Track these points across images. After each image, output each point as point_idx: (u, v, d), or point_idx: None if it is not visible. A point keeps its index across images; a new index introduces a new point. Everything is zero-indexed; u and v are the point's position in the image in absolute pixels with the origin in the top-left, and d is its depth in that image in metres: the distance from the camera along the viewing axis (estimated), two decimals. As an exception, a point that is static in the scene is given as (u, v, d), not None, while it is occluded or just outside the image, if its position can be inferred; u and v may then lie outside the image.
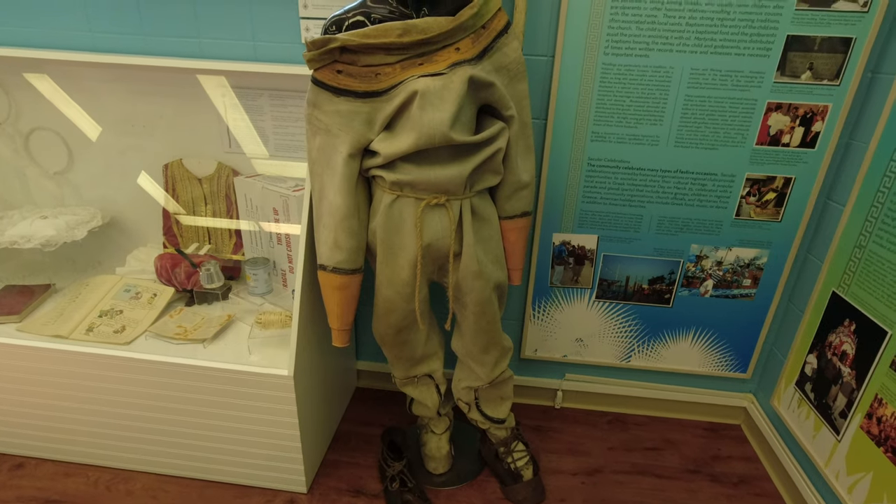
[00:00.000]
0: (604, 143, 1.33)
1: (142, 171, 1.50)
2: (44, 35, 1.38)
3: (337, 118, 1.01)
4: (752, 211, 1.39)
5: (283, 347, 1.27)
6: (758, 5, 1.17)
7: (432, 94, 0.95)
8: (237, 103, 1.39)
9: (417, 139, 0.97)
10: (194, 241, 1.53)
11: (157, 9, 1.33)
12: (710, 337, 1.57)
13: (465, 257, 1.10)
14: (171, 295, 1.41)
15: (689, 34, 1.21)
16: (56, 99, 1.44)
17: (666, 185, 1.37)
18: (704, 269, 1.47)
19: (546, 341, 1.62)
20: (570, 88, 1.29)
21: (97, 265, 1.60)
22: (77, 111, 1.45)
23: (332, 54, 0.97)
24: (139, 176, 1.51)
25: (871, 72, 1.23)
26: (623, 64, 1.25)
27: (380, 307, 1.18)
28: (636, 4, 1.19)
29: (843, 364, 1.24)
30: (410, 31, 0.96)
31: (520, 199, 1.16)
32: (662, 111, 1.29)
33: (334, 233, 1.07)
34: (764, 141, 1.30)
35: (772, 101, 1.26)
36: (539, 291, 1.54)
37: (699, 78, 1.25)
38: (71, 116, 1.46)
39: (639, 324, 1.57)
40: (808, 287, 1.41)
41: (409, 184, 1.03)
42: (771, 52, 1.21)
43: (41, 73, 1.41)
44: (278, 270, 1.44)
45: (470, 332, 1.23)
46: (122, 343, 1.26)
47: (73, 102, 1.45)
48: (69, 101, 1.44)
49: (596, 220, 1.43)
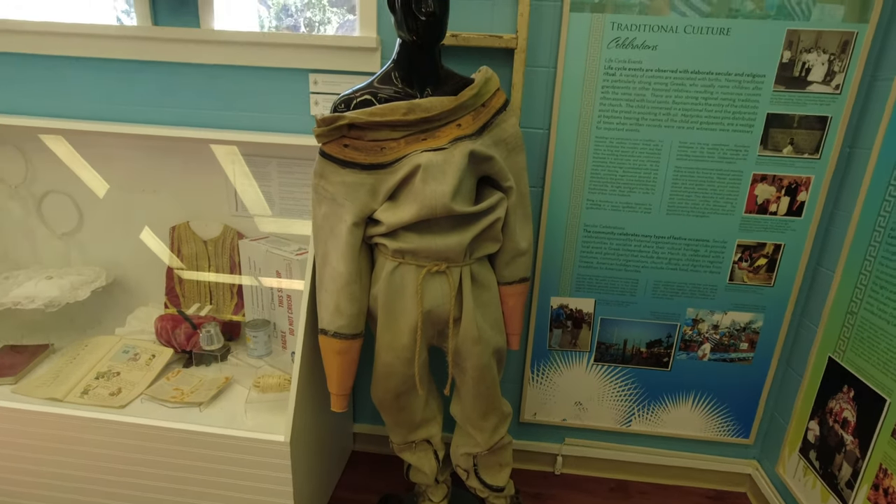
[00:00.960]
0: (599, 211, 1.38)
1: (148, 232, 1.54)
2: (66, 105, 1.46)
3: (343, 188, 1.05)
4: (745, 276, 1.42)
5: (281, 412, 1.26)
6: (738, 87, 1.26)
7: (435, 167, 1.01)
8: (246, 170, 1.44)
9: (420, 210, 1.01)
10: (196, 301, 1.54)
11: (175, 82, 1.41)
12: (710, 401, 1.56)
13: (465, 323, 1.12)
14: (170, 356, 1.41)
15: (675, 111, 1.29)
16: (71, 162, 1.50)
17: (660, 250, 1.41)
18: (701, 333, 1.49)
19: (545, 405, 1.61)
20: (566, 159, 1.35)
21: (97, 324, 1.60)
22: (90, 174, 1.51)
23: (341, 130, 1.03)
24: (145, 237, 1.54)
25: (849, 146, 1.30)
26: (615, 137, 1.32)
27: (379, 372, 1.18)
28: (625, 84, 1.27)
29: (845, 431, 1.23)
30: (415, 110, 1.02)
31: (518, 265, 1.19)
32: (654, 181, 1.34)
33: (336, 298, 1.09)
34: (752, 209, 1.36)
35: (757, 172, 1.32)
36: (538, 354, 1.55)
37: (687, 150, 1.31)
38: (84, 179, 1.51)
39: (638, 387, 1.56)
40: (804, 352, 1.42)
41: (411, 252, 1.06)
42: (753, 129, 1.29)
43: (58, 136, 1.47)
44: (278, 332, 1.45)
45: (469, 396, 1.23)
46: (117, 406, 1.25)
47: (88, 166, 1.50)
48: (84, 165, 1.50)
49: (593, 285, 1.45)
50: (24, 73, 1.44)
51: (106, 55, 1.40)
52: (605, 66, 1.27)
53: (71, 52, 1.40)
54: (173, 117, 1.44)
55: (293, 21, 2.50)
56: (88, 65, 1.42)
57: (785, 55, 1.23)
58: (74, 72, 1.43)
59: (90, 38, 1.38)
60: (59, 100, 1.46)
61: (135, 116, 1.45)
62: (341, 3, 2.14)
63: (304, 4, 2.49)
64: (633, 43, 1.24)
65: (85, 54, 1.40)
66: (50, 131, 1.42)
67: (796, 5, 1.19)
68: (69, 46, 1.39)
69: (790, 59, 1.23)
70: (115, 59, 1.41)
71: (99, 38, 1.38)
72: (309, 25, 2.40)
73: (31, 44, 1.40)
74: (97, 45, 1.39)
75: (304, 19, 2.45)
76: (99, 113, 1.46)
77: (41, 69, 1.43)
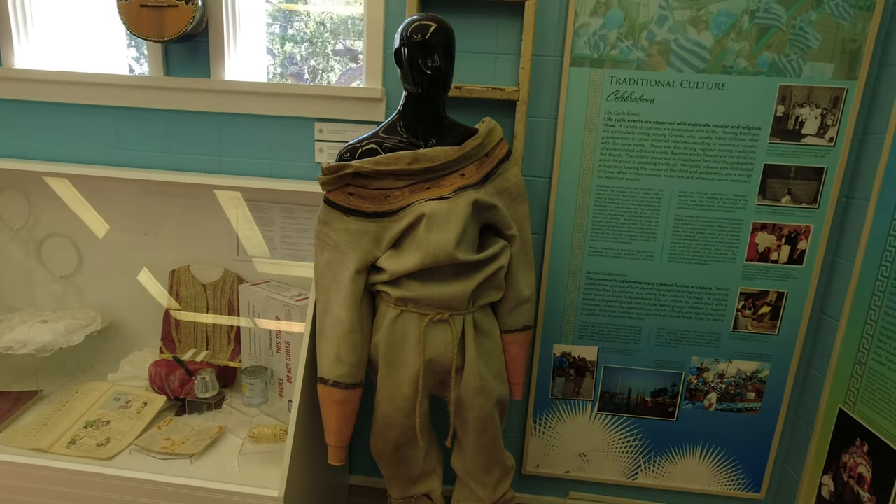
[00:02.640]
0: (601, 258, 1.38)
1: (147, 276, 1.52)
2: (74, 150, 1.48)
3: (346, 236, 1.05)
4: (749, 324, 1.41)
5: (275, 464, 1.21)
6: (735, 138, 1.29)
7: (438, 216, 1.01)
8: (249, 215, 1.45)
9: (423, 258, 1.01)
10: (192, 346, 1.51)
11: (183, 129, 1.44)
12: (718, 453, 1.51)
13: (468, 373, 1.09)
14: (163, 404, 1.37)
15: (675, 161, 1.31)
16: (75, 206, 1.50)
17: (663, 297, 1.40)
18: (707, 382, 1.46)
19: (548, 456, 1.55)
20: (567, 206, 1.36)
21: (90, 369, 1.56)
22: (93, 217, 1.51)
23: (346, 178, 1.04)
24: (144, 280, 1.53)
25: (846, 196, 1.32)
26: (616, 186, 1.34)
27: (379, 423, 1.14)
28: (625, 135, 1.30)
29: (861, 488, 1.18)
30: (419, 160, 1.03)
31: (521, 313, 1.18)
32: (655, 229, 1.35)
33: (337, 346, 1.07)
34: (753, 257, 1.36)
35: (757, 221, 1.33)
36: (540, 403, 1.51)
37: (687, 199, 1.33)
38: (86, 221, 1.51)
39: (644, 438, 1.51)
40: (813, 402, 1.39)
41: (414, 300, 1.05)
42: (751, 179, 1.31)
43: (62, 180, 1.48)
44: (275, 380, 1.41)
45: (471, 448, 1.19)
46: (104, 458, 1.20)
47: (91, 209, 1.50)
48: (87, 208, 1.50)
49: (595, 332, 1.44)
50: (32, 119, 1.47)
51: (117, 103, 1.43)
52: (604, 118, 1.30)
53: (74, 100, 1.43)
54: (179, 163, 1.46)
55: (297, 69, 2.58)
56: (98, 112, 1.45)
57: (779, 109, 1.26)
58: (84, 118, 1.46)
59: (102, 87, 1.42)
60: (67, 145, 1.48)
61: (142, 162, 1.46)
62: (344, 53, 2.22)
63: (309, 53, 2.59)
64: (631, 96, 1.28)
65: (89, 101, 1.43)
66: (54, 175, 1.43)
67: (787, 63, 1.24)
68: (72, 94, 1.43)
69: (784, 113, 1.26)
70: (125, 107, 1.44)
71: (112, 88, 1.42)
72: (313, 73, 2.48)
73: (40, 92, 1.44)
74: (109, 93, 1.42)
75: (309, 67, 2.54)
76: (106, 158, 1.48)
77: (43, 115, 1.46)
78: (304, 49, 2.58)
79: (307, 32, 2.54)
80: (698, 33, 1.24)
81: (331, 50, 2.35)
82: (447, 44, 1.01)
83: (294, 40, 2.60)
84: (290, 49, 2.43)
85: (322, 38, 2.45)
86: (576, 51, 1.27)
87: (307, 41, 2.53)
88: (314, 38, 2.51)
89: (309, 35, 2.54)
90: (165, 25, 1.27)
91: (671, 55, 1.25)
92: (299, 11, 2.53)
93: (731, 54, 1.24)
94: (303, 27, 2.54)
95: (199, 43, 1.39)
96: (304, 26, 2.53)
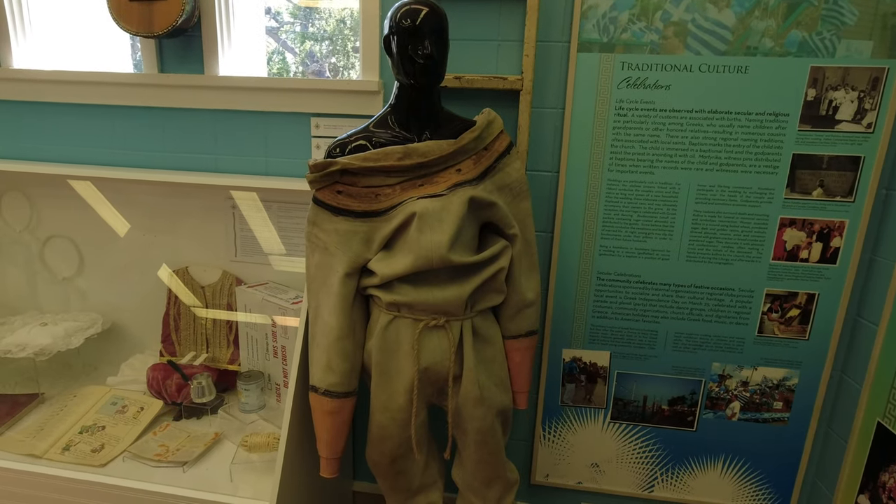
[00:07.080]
0: (613, 257, 1.29)
1: (147, 278, 1.50)
2: (71, 151, 1.46)
3: (335, 237, 1.00)
4: (776, 328, 1.30)
5: (270, 473, 1.16)
6: (760, 126, 1.18)
7: (431, 216, 0.94)
8: (247, 215, 1.41)
9: (415, 261, 0.94)
10: (192, 349, 1.48)
11: (178, 127, 1.40)
12: (742, 466, 1.41)
13: (466, 382, 1.03)
14: (159, 409, 1.34)
15: (693, 152, 1.21)
16: (76, 207, 1.48)
17: (680, 299, 1.30)
18: (729, 390, 1.36)
19: (558, 465, 1.48)
20: (576, 203, 1.28)
21: (93, 371, 1.55)
22: (94, 218, 1.49)
23: (333, 176, 0.98)
24: (144, 283, 1.50)
25: (886, 188, 1.20)
26: (628, 180, 1.24)
27: (373, 433, 1.09)
28: (638, 125, 1.21)
29: (901, 511, 1.08)
30: (410, 155, 0.97)
31: (524, 317, 1.10)
32: (672, 226, 1.26)
33: (327, 354, 1.01)
34: (781, 256, 1.25)
35: (785, 216, 1.22)
36: (549, 410, 1.43)
37: (707, 194, 1.23)
38: (88, 223, 1.50)
39: (660, 449, 1.42)
40: (848, 413, 1.27)
41: (407, 305, 0.99)
42: (778, 170, 1.20)
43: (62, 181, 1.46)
44: (272, 384, 1.37)
45: (471, 461, 1.12)
46: (97, 465, 1.17)
47: (93, 209, 1.49)
48: (88, 209, 1.49)
49: (608, 336, 1.35)
50: (23, 120, 1.46)
51: (108, 101, 1.40)
52: (615, 107, 1.21)
53: (71, 99, 1.41)
54: (175, 162, 1.42)
55: (318, 66, 2.54)
56: (90, 111, 1.43)
57: (809, 93, 1.15)
58: (75, 118, 1.44)
59: (91, 84, 1.39)
60: (61, 145, 1.46)
61: (136, 161, 1.44)
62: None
63: (329, 51, 2.54)
64: (644, 83, 1.18)
65: (85, 101, 1.41)
66: (54, 178, 1.42)
67: (819, 42, 1.12)
68: (69, 93, 1.40)
69: (815, 97, 1.15)
70: (118, 106, 1.41)
71: (101, 86, 1.39)
72: (334, 70, 2.43)
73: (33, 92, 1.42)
74: (99, 91, 1.40)
75: (329, 65, 2.49)
76: (101, 158, 1.45)
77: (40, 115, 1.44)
78: (324, 47, 2.53)
79: (327, 30, 2.50)
80: (719, 11, 1.13)
81: (351, 47, 2.30)
82: (440, 29, 0.94)
83: (314, 38, 2.56)
84: (308, 46, 2.40)
85: (342, 36, 2.40)
86: (584, 35, 1.18)
87: (328, 39, 2.49)
88: (335, 35, 2.47)
89: (329, 33, 2.49)
90: (155, 19, 1.23)
91: (689, 37, 1.15)
92: (319, 9, 2.49)
93: (756, 34, 1.13)
94: (323, 25, 2.50)
95: (193, 38, 1.35)
96: (325, 24, 2.49)
